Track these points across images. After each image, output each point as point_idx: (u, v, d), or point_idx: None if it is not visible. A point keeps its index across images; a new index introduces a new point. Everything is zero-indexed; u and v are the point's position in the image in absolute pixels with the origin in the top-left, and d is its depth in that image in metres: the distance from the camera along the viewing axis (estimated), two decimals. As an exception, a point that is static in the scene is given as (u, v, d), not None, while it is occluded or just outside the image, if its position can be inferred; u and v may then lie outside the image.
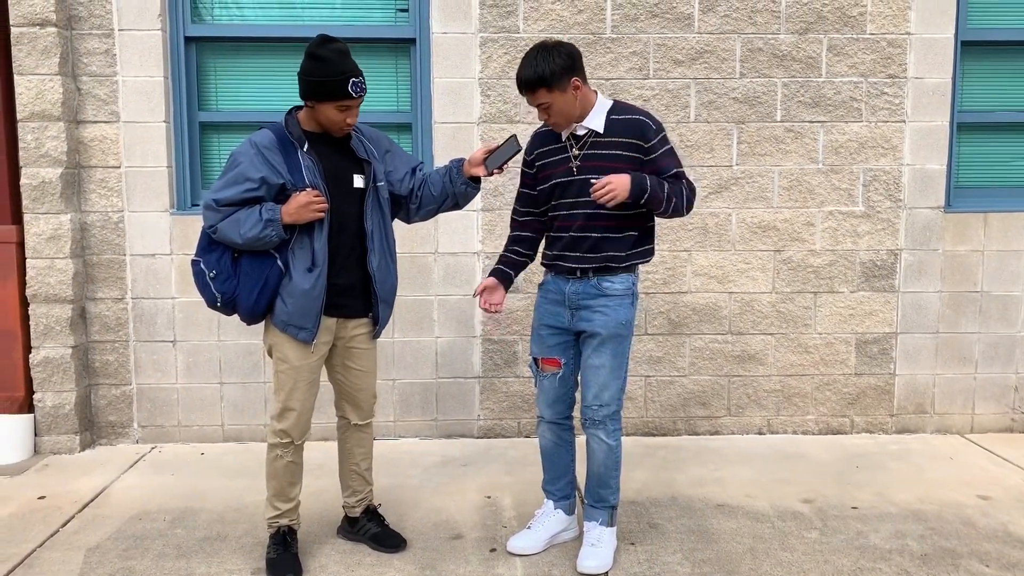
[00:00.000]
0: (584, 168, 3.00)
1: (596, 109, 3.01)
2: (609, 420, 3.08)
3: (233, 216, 2.83)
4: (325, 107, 2.86)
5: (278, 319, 2.93)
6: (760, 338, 4.63)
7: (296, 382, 2.97)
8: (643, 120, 3.00)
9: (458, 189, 3.08)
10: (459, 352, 4.58)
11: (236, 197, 2.84)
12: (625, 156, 2.98)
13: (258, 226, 2.80)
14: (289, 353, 2.96)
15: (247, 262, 2.90)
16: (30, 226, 4.28)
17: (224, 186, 2.86)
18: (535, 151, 3.15)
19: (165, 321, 4.47)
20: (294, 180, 2.87)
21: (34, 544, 3.30)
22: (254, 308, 2.89)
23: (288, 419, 3.00)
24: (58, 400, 4.34)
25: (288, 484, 3.07)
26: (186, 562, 3.15)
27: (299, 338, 2.93)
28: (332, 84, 2.81)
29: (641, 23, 4.42)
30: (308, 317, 2.91)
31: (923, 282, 4.64)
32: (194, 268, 2.94)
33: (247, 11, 4.49)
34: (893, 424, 4.72)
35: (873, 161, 4.56)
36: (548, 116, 2.98)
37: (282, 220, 2.82)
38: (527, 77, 2.90)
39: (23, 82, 4.20)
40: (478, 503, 3.72)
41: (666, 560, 3.16)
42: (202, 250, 2.94)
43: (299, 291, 2.88)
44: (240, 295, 2.89)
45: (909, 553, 3.22)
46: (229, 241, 2.86)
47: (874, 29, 4.47)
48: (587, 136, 3.01)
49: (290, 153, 2.89)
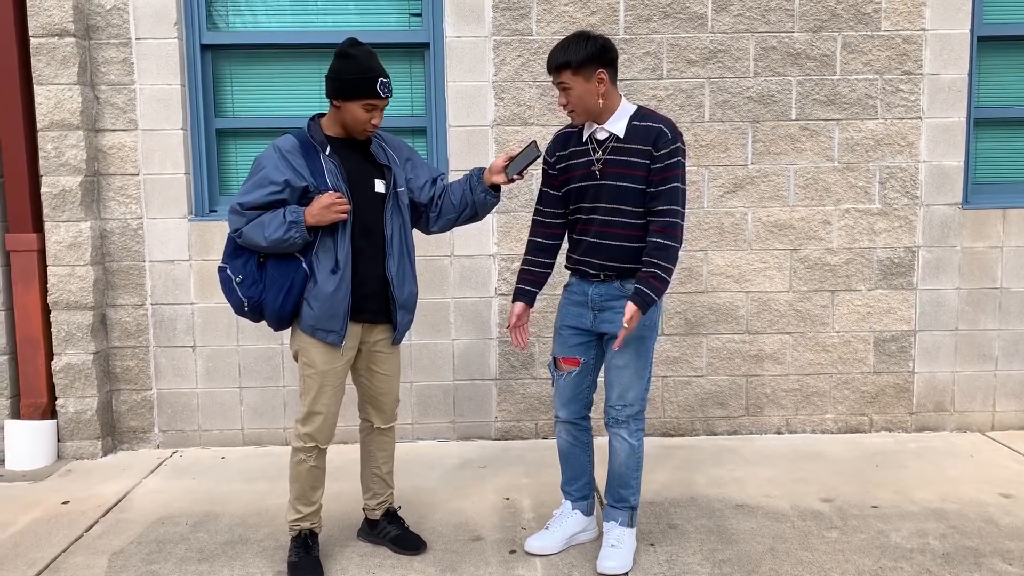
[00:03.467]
0: (605, 173, 2.99)
1: (619, 113, 2.99)
2: (632, 420, 3.09)
3: (258, 219, 2.87)
4: (352, 106, 2.89)
5: (305, 324, 2.95)
6: (777, 337, 4.62)
7: (322, 386, 3.00)
8: (661, 128, 2.95)
9: (477, 197, 3.08)
10: (476, 354, 4.60)
11: (260, 200, 2.88)
12: (639, 163, 2.95)
13: (282, 228, 2.84)
14: (316, 357, 2.98)
15: (272, 266, 2.94)
16: (51, 234, 4.32)
17: (249, 190, 2.90)
18: (557, 152, 3.14)
19: (184, 326, 4.51)
20: (316, 183, 2.90)
21: (59, 549, 3.34)
22: (280, 312, 2.93)
23: (314, 423, 3.02)
24: (80, 406, 4.39)
25: (310, 488, 3.09)
26: (209, 566, 3.18)
27: (328, 341, 2.95)
28: (361, 82, 2.85)
29: (654, 23, 4.42)
30: (335, 319, 2.94)
31: (941, 279, 4.61)
32: (220, 275, 2.98)
33: (261, 18, 4.52)
34: (912, 422, 4.69)
35: (889, 158, 4.54)
36: (566, 100, 2.97)
37: (305, 221, 2.85)
38: (556, 55, 2.93)
39: (43, 92, 4.25)
40: (497, 505, 3.73)
41: (686, 561, 3.16)
42: (228, 256, 2.97)
43: (324, 294, 2.91)
44: (266, 299, 2.93)
45: (931, 552, 3.21)
46: (254, 244, 2.89)
47: (889, 26, 4.45)
48: (608, 140, 2.99)
49: (312, 157, 2.93)
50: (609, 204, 2.99)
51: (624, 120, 2.99)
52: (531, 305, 3.23)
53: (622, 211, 2.98)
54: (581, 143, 3.06)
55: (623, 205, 2.98)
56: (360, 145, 3.03)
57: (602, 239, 3.01)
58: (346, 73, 2.86)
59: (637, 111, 3.02)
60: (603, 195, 2.99)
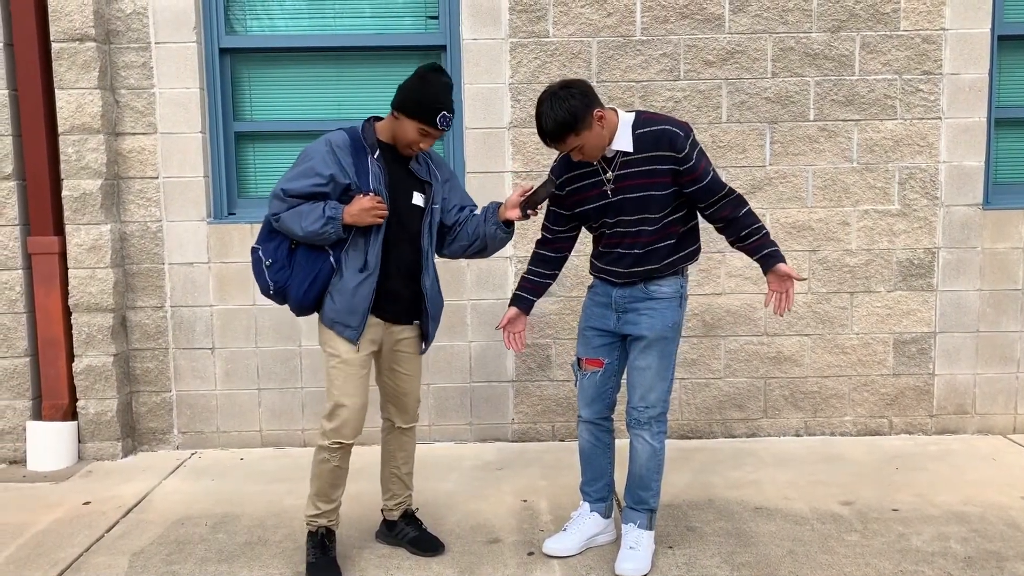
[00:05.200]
0: (620, 189, 2.97)
1: (621, 128, 2.94)
2: (654, 422, 3.08)
3: (297, 208, 2.92)
4: (408, 123, 2.93)
5: (327, 316, 3.01)
6: (796, 339, 4.59)
7: (347, 376, 3.01)
8: (671, 130, 2.92)
9: (488, 230, 3.10)
10: (493, 356, 4.60)
11: (304, 190, 2.92)
12: (660, 170, 2.93)
13: (319, 221, 2.88)
14: (339, 346, 3.02)
15: (302, 255, 3.00)
16: (71, 237, 4.36)
17: (294, 178, 2.95)
18: (563, 174, 3.10)
19: (203, 328, 4.54)
20: (360, 183, 2.96)
21: (80, 549, 3.37)
22: (303, 300, 3.00)
23: (339, 416, 3.01)
24: (100, 407, 4.43)
25: (331, 486, 3.10)
26: (228, 566, 3.20)
27: (344, 336, 3.00)
28: (425, 107, 2.90)
29: (671, 24, 4.41)
30: (354, 316, 2.98)
31: (962, 280, 4.57)
32: (253, 256, 3.05)
33: (279, 22, 4.55)
34: (933, 425, 4.65)
35: (909, 159, 4.51)
36: (582, 156, 2.93)
37: (343, 219, 2.90)
38: (552, 129, 2.84)
39: (64, 96, 4.29)
40: (514, 507, 3.73)
41: (704, 563, 3.15)
42: (262, 239, 3.04)
43: (348, 289, 2.96)
44: (291, 286, 2.99)
45: (952, 556, 3.18)
46: (289, 231, 2.95)
47: (908, 26, 4.42)
48: (617, 156, 2.96)
49: (360, 157, 2.98)
50: (633, 216, 2.98)
51: (627, 134, 2.94)
52: (526, 312, 3.26)
53: (646, 219, 2.98)
54: (589, 165, 3.02)
55: (647, 213, 2.98)
56: (403, 157, 3.08)
57: (631, 249, 3.02)
58: (416, 93, 2.92)
59: (636, 119, 2.96)
60: (625, 209, 2.99)
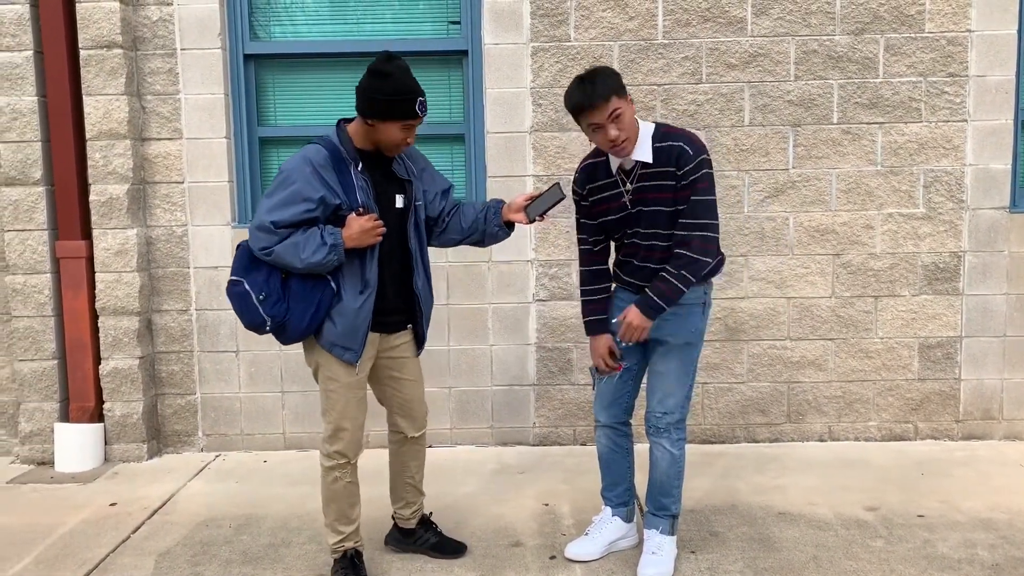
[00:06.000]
0: (637, 201, 2.95)
1: (641, 138, 2.93)
2: (673, 428, 3.06)
3: (291, 240, 2.75)
4: (389, 126, 2.79)
5: (325, 340, 2.87)
6: (820, 343, 4.56)
7: (348, 400, 2.95)
8: (681, 147, 2.88)
9: (490, 229, 3.02)
10: (514, 360, 4.61)
11: (295, 218, 2.75)
12: (666, 186, 2.91)
13: (321, 251, 2.73)
14: (338, 371, 2.92)
15: (297, 284, 2.82)
16: (99, 241, 4.42)
17: (279, 206, 2.76)
18: (587, 185, 3.07)
19: (228, 332, 4.58)
20: (348, 200, 2.81)
21: (107, 549, 3.41)
22: (305, 331, 2.83)
23: (342, 439, 2.96)
24: (126, 409, 4.48)
25: (349, 505, 3.04)
26: (252, 568, 3.22)
27: (344, 359, 2.89)
28: (399, 104, 2.76)
29: (693, 28, 4.40)
30: (355, 338, 2.87)
31: (988, 284, 4.52)
32: (235, 288, 2.81)
33: (301, 28, 4.59)
34: (959, 430, 4.60)
35: (934, 162, 4.46)
36: (620, 128, 2.85)
37: (344, 245, 2.77)
38: (600, 84, 2.80)
39: (91, 102, 4.35)
40: (536, 511, 3.73)
41: (727, 568, 3.13)
42: (243, 270, 2.82)
43: (349, 311, 2.84)
44: (291, 319, 2.81)
45: (979, 563, 3.14)
46: (286, 265, 2.78)
47: (933, 28, 4.39)
48: (636, 168, 2.94)
49: (343, 172, 2.83)
50: (646, 229, 2.96)
51: (647, 144, 2.92)
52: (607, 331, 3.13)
53: (659, 235, 2.95)
54: (610, 175, 3.01)
55: (659, 228, 2.95)
56: (383, 159, 2.96)
57: (646, 263, 3.00)
58: (383, 94, 2.76)
59: (656, 131, 2.94)
60: (640, 222, 2.97)
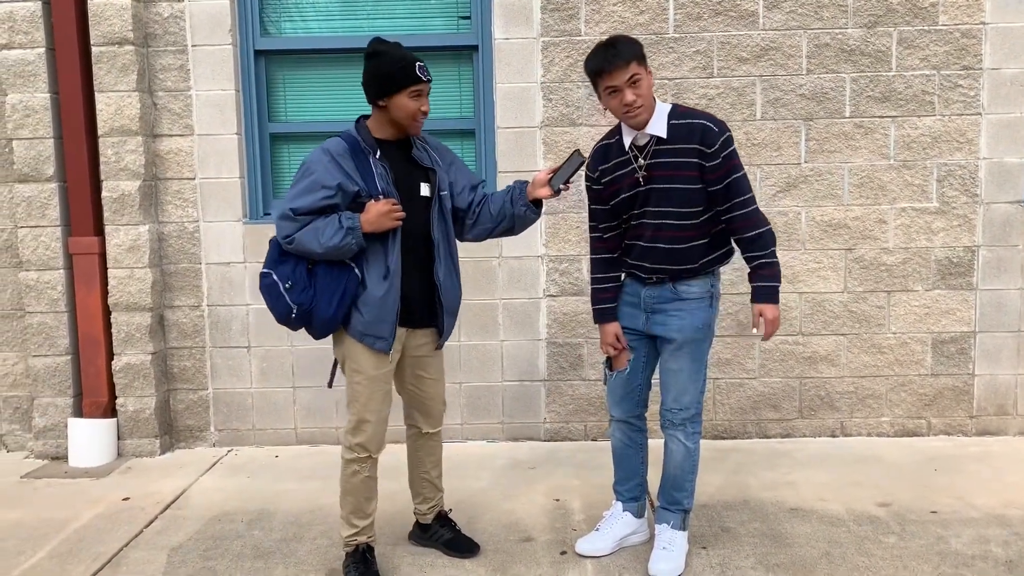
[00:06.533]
0: (650, 178, 2.94)
1: (657, 113, 2.93)
2: (689, 423, 3.06)
3: (311, 225, 2.81)
4: (398, 99, 2.85)
5: (354, 330, 2.90)
6: (832, 339, 4.54)
7: (372, 392, 2.95)
8: (705, 124, 2.89)
9: (517, 211, 3.01)
10: (524, 355, 4.60)
11: (314, 205, 2.82)
12: (688, 163, 2.90)
13: (339, 234, 2.78)
14: (364, 363, 2.94)
15: (323, 272, 2.87)
16: (111, 237, 4.44)
17: (300, 195, 2.84)
18: (599, 167, 3.07)
19: (240, 327, 4.59)
20: (367, 187, 2.86)
21: (120, 544, 3.43)
22: (333, 318, 2.86)
23: (364, 432, 2.97)
24: (139, 405, 4.50)
25: (365, 500, 3.05)
26: (264, 563, 3.24)
27: (376, 348, 2.91)
28: (401, 71, 2.83)
29: (704, 21, 4.38)
30: (384, 326, 2.89)
31: (1003, 279, 4.48)
32: (264, 280, 2.89)
33: (312, 23, 4.59)
34: (973, 426, 4.57)
35: (947, 155, 4.43)
36: (637, 94, 2.85)
37: (362, 228, 2.80)
38: (622, 46, 2.83)
39: (103, 99, 4.37)
40: (547, 506, 3.73)
41: (739, 564, 3.12)
42: (273, 262, 2.90)
43: (375, 299, 2.86)
44: (318, 306, 2.85)
45: (993, 559, 3.12)
46: (307, 251, 2.84)
47: (947, 20, 4.35)
48: (650, 144, 2.94)
49: (362, 160, 2.88)
50: (656, 207, 2.95)
51: (663, 120, 2.92)
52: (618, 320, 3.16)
53: (670, 213, 2.94)
54: (623, 153, 3.00)
55: (670, 207, 2.94)
56: (405, 148, 3.00)
57: (654, 243, 2.98)
58: (383, 69, 2.84)
59: (673, 110, 2.96)
60: (650, 199, 2.96)
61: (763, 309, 2.96)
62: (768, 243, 2.96)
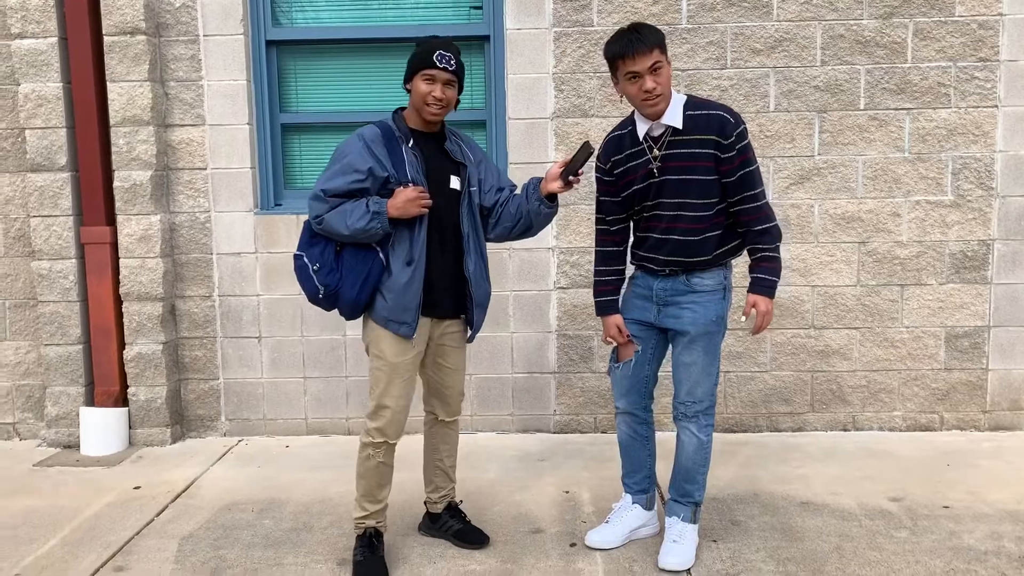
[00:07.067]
0: (665, 169, 2.93)
1: (673, 104, 2.92)
2: (702, 415, 3.05)
3: (340, 208, 2.88)
4: (415, 82, 2.94)
5: (378, 315, 2.96)
6: (844, 332, 4.51)
7: (392, 379, 2.99)
8: (723, 116, 2.89)
9: (532, 206, 3.02)
10: (535, 347, 4.59)
11: (344, 188, 2.89)
12: (704, 154, 2.88)
13: (365, 217, 2.84)
14: (386, 349, 2.98)
15: (350, 255, 2.94)
16: (123, 227, 4.45)
17: (332, 177, 2.92)
18: (611, 158, 3.05)
19: (251, 317, 4.60)
20: (397, 174, 2.91)
21: (132, 532, 3.44)
22: (357, 300, 2.93)
23: (383, 417, 3.00)
24: (150, 394, 4.52)
25: (377, 485, 3.07)
26: (274, 552, 3.25)
27: (400, 333, 2.95)
28: (418, 56, 2.93)
29: (718, 12, 4.35)
30: (408, 311, 2.93)
31: (1018, 273, 4.44)
32: (297, 262, 2.99)
33: (323, 14, 4.58)
34: (986, 421, 4.54)
35: (963, 148, 4.39)
36: (657, 82, 2.83)
37: (388, 213, 2.85)
38: (646, 32, 2.82)
39: (115, 88, 4.37)
40: (556, 498, 3.72)
41: (749, 558, 3.11)
42: (305, 244, 2.99)
43: (398, 285, 2.91)
44: (343, 288, 2.93)
45: (1006, 555, 3.10)
46: (334, 232, 2.90)
47: (963, 11, 4.30)
48: (665, 134, 2.93)
49: (394, 148, 2.94)
50: (672, 199, 2.94)
51: (679, 111, 2.91)
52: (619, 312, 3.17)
53: (685, 204, 2.93)
54: (637, 144, 2.98)
55: (686, 198, 2.93)
56: (439, 140, 3.05)
57: (668, 235, 2.97)
58: (411, 56, 2.97)
59: (689, 100, 2.95)
60: (665, 190, 2.94)
61: (757, 301, 2.96)
62: (775, 238, 2.98)
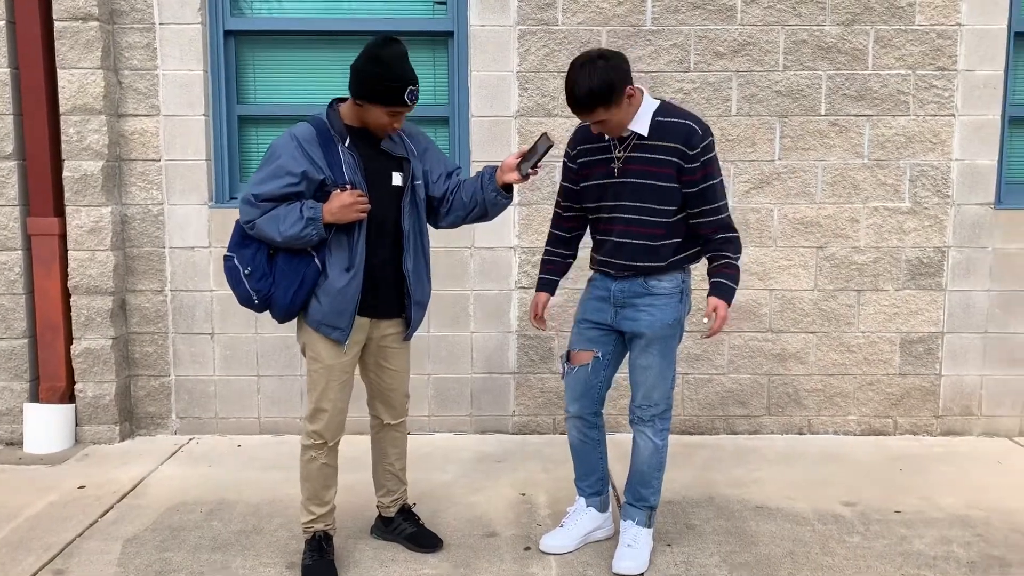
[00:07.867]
0: (626, 171, 2.91)
1: (643, 110, 2.88)
2: (658, 419, 3.04)
3: (272, 213, 2.77)
4: (376, 109, 2.77)
5: (312, 318, 2.87)
6: (801, 336, 4.54)
7: (329, 382, 2.92)
8: (690, 126, 2.86)
9: (488, 196, 2.96)
10: (495, 347, 4.56)
11: (277, 192, 2.77)
12: (667, 161, 2.86)
13: (299, 224, 2.73)
14: (322, 352, 2.91)
15: (283, 260, 2.84)
16: (72, 218, 4.33)
17: (264, 180, 2.79)
18: (578, 146, 3.05)
19: (203, 313, 4.50)
20: (334, 176, 2.79)
21: (73, 534, 3.34)
22: (290, 307, 2.84)
23: (320, 420, 2.94)
24: (98, 391, 4.40)
25: (323, 487, 3.01)
26: (222, 555, 3.17)
27: (332, 337, 2.87)
28: (389, 90, 2.73)
29: (682, 15, 4.35)
30: (342, 317, 2.85)
31: (972, 280, 4.51)
32: (227, 263, 2.87)
33: (286, 4, 4.49)
34: (938, 426, 4.60)
35: (921, 156, 4.44)
36: (603, 129, 2.85)
37: (324, 219, 2.75)
38: (584, 98, 2.74)
39: (66, 76, 4.24)
40: (512, 500, 3.69)
41: (703, 563, 3.11)
42: (235, 245, 2.87)
43: (335, 290, 2.82)
44: (276, 294, 2.83)
45: (955, 560, 3.13)
46: (267, 238, 2.80)
47: (923, 20, 4.35)
48: (631, 138, 2.91)
49: (330, 148, 2.82)
50: (631, 202, 2.92)
51: (647, 117, 2.89)
52: (552, 294, 3.24)
53: (644, 209, 2.91)
54: (602, 140, 2.97)
55: (645, 203, 2.91)
56: (375, 137, 2.92)
57: (626, 238, 2.95)
58: (373, 77, 2.73)
59: (660, 107, 2.91)
60: (624, 193, 2.92)
61: (719, 305, 2.94)
62: (736, 248, 2.98)
